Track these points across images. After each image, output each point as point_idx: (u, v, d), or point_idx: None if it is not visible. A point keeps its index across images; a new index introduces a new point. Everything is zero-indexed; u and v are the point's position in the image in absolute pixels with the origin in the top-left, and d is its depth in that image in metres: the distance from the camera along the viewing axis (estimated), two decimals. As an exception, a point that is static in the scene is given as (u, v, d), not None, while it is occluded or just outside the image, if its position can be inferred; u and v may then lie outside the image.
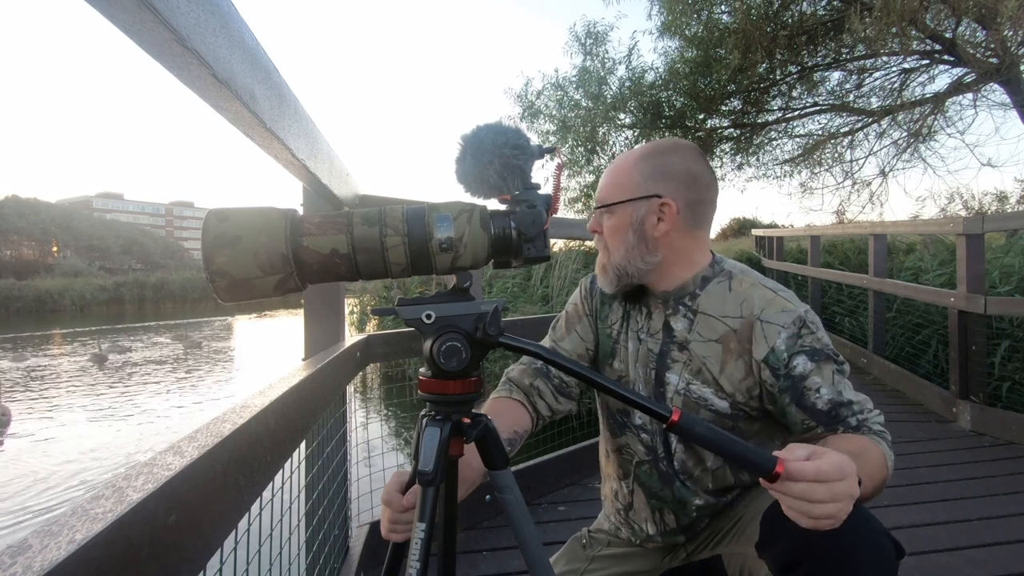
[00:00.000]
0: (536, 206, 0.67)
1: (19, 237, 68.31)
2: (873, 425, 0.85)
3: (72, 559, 0.32)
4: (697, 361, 0.93)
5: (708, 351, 0.92)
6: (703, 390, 0.92)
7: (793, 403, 0.86)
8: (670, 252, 0.94)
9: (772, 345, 0.86)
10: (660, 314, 0.97)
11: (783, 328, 0.87)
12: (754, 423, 0.93)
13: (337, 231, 0.63)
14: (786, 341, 0.86)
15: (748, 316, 0.89)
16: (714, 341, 0.92)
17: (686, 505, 0.96)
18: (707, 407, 0.92)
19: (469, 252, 0.64)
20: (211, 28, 0.61)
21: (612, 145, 10.02)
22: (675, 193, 0.92)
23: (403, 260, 0.64)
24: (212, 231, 0.60)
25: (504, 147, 0.66)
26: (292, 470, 1.09)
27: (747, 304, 0.90)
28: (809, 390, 0.85)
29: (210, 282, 0.60)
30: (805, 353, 0.86)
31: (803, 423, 0.86)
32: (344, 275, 0.65)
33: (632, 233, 0.93)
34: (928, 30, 6.24)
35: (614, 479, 1.06)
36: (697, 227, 0.95)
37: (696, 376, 0.93)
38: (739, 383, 0.90)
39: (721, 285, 0.94)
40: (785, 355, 0.86)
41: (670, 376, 0.95)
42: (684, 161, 0.94)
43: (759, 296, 0.91)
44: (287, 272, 0.61)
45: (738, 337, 0.90)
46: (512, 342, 0.66)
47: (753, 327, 0.89)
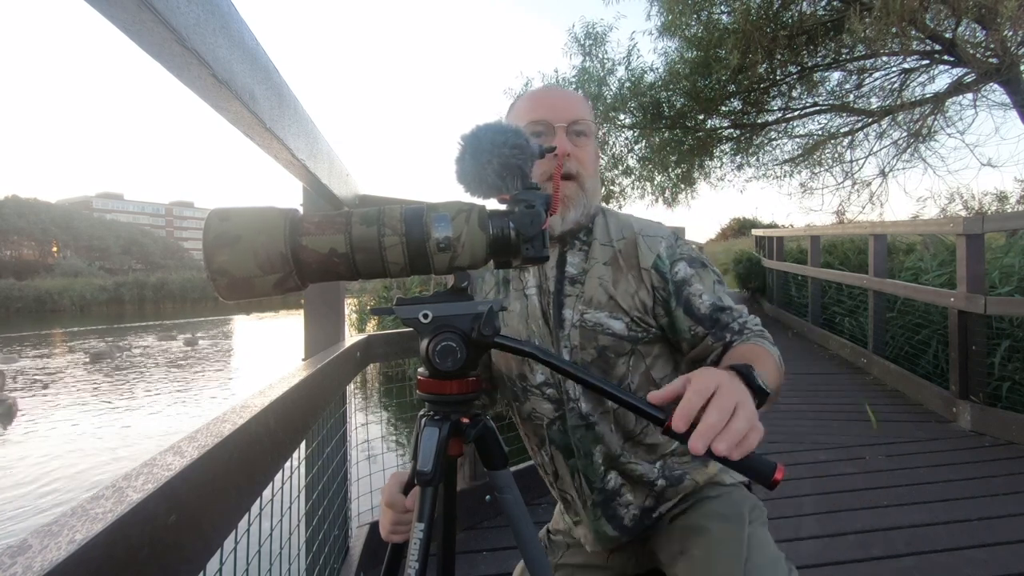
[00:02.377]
0: (535, 206, 0.66)
1: (19, 237, 68.32)
2: (753, 328, 0.89)
3: (72, 559, 0.32)
4: (590, 289, 0.93)
5: (601, 272, 0.94)
6: (597, 315, 0.92)
7: (680, 307, 0.90)
8: None
9: (657, 252, 0.92)
10: (554, 253, 0.97)
11: (663, 238, 0.94)
12: (652, 346, 0.93)
13: (335, 231, 0.63)
14: (667, 249, 0.93)
15: (629, 235, 0.95)
16: (604, 264, 0.94)
17: (591, 459, 0.94)
18: (604, 331, 0.92)
19: (467, 252, 0.64)
20: (211, 28, 0.61)
21: (612, 145, 10.02)
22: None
23: (401, 260, 0.64)
24: (213, 230, 0.60)
25: (503, 147, 0.66)
26: (292, 470, 1.09)
27: (626, 227, 0.97)
28: (693, 295, 0.89)
29: (211, 281, 0.60)
30: (684, 259, 0.92)
31: (690, 331, 0.89)
32: (343, 274, 0.65)
33: (597, 160, 0.97)
34: (928, 30, 6.24)
35: (535, 451, 1.03)
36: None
37: (589, 305, 0.93)
38: (632, 297, 0.92)
39: (603, 219, 0.99)
40: (667, 261, 0.92)
41: (565, 312, 0.94)
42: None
43: (635, 221, 0.99)
44: (286, 271, 0.62)
45: (624, 254, 0.94)
46: (507, 342, 0.66)
47: (637, 242, 0.94)
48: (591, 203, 0.95)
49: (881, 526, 2.03)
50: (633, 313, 0.91)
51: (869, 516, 2.12)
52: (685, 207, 10.35)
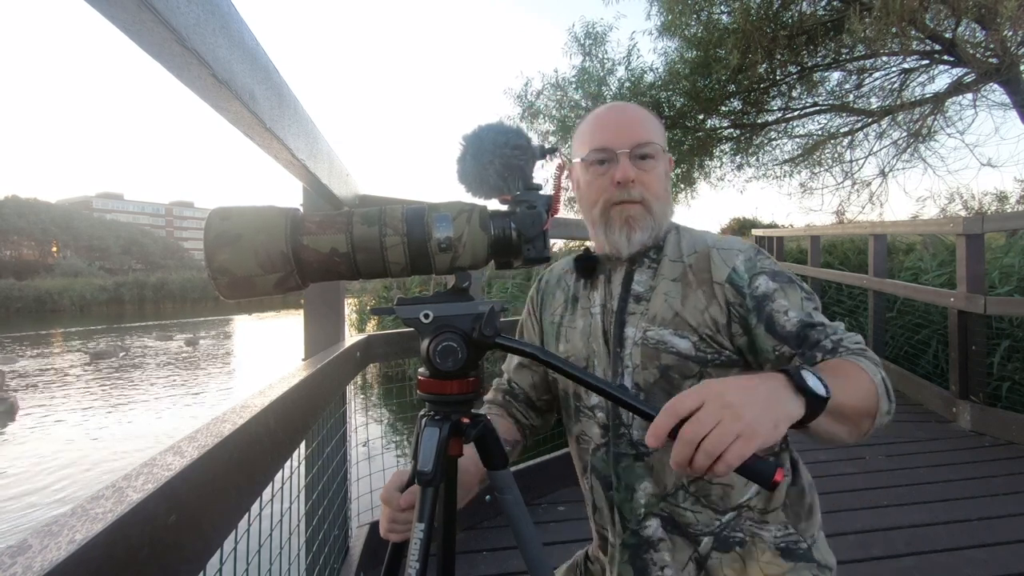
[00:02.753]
0: (536, 207, 0.67)
1: (19, 237, 68.31)
2: (851, 345, 0.77)
3: (72, 559, 0.32)
4: (655, 306, 0.88)
5: (668, 288, 0.89)
6: (660, 332, 0.86)
7: (762, 325, 0.81)
8: None
9: (732, 265, 0.85)
10: (621, 272, 0.93)
11: (740, 251, 0.87)
12: (726, 370, 0.84)
13: (337, 230, 0.63)
14: (744, 263, 0.85)
15: (702, 249, 0.89)
16: (673, 280, 0.89)
17: (632, 495, 0.85)
18: (667, 350, 0.85)
19: (468, 252, 0.64)
20: (211, 28, 0.61)
21: (612, 145, 10.00)
22: None
23: (402, 259, 0.64)
24: (214, 229, 0.60)
25: (504, 147, 0.66)
26: (292, 470, 1.09)
27: (699, 242, 0.91)
28: (777, 312, 0.81)
29: (212, 279, 0.61)
30: (766, 274, 0.84)
31: (774, 351, 0.80)
32: (344, 274, 0.65)
33: (667, 181, 0.93)
34: (928, 30, 6.24)
35: (580, 478, 0.97)
36: None
37: (652, 322, 0.87)
38: (702, 314, 0.85)
39: (675, 235, 0.94)
40: (745, 275, 0.84)
41: (627, 331, 0.89)
42: None
43: (709, 236, 0.93)
44: (287, 270, 0.62)
45: (695, 269, 0.88)
46: (508, 343, 0.66)
47: (710, 255, 0.88)
48: (660, 224, 0.91)
49: (881, 526, 2.03)
50: (702, 331, 0.84)
51: (869, 516, 2.12)
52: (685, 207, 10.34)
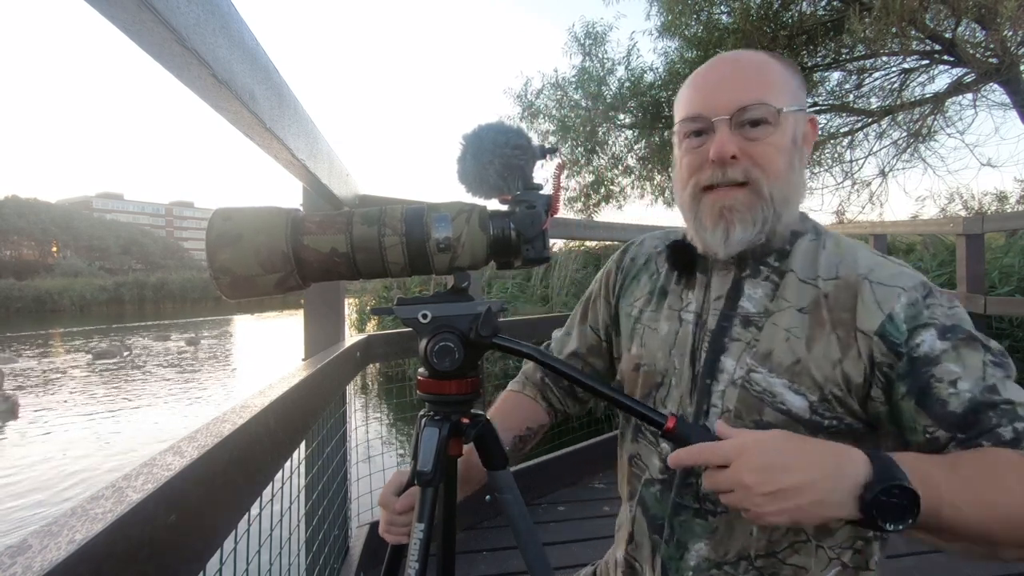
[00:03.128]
0: (535, 207, 0.66)
1: (19, 237, 68.34)
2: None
3: (72, 559, 0.32)
4: (770, 340, 0.68)
5: (791, 321, 0.68)
6: (770, 380, 0.67)
7: (912, 398, 0.60)
8: None
9: (889, 311, 0.63)
10: (726, 277, 0.74)
11: (904, 291, 0.63)
12: (840, 440, 0.61)
13: (337, 230, 0.63)
14: (907, 308, 0.62)
15: (848, 276, 0.67)
16: (799, 310, 0.68)
17: (683, 555, 0.71)
18: (775, 405, 0.67)
19: (467, 252, 0.64)
20: (211, 28, 0.61)
21: (612, 145, 10.02)
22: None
23: (401, 260, 0.64)
24: (216, 229, 0.61)
25: (504, 147, 0.66)
26: (292, 470, 1.09)
27: (847, 263, 0.68)
28: (938, 384, 0.59)
29: (214, 279, 0.61)
30: (934, 327, 0.61)
31: (925, 432, 0.60)
32: (344, 274, 0.65)
33: (796, 154, 0.70)
34: (928, 30, 6.24)
35: (624, 497, 0.84)
36: None
37: (763, 361, 0.68)
38: (832, 369, 0.65)
39: (813, 243, 0.72)
40: (904, 327, 0.62)
41: (725, 361, 0.70)
42: None
43: (864, 256, 0.68)
44: (287, 270, 0.62)
45: (831, 303, 0.67)
46: (506, 343, 0.66)
47: (859, 288, 0.65)
48: (779, 215, 0.69)
49: (881, 526, 2.03)
50: (828, 389, 0.65)
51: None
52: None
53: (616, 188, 10.49)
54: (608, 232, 3.08)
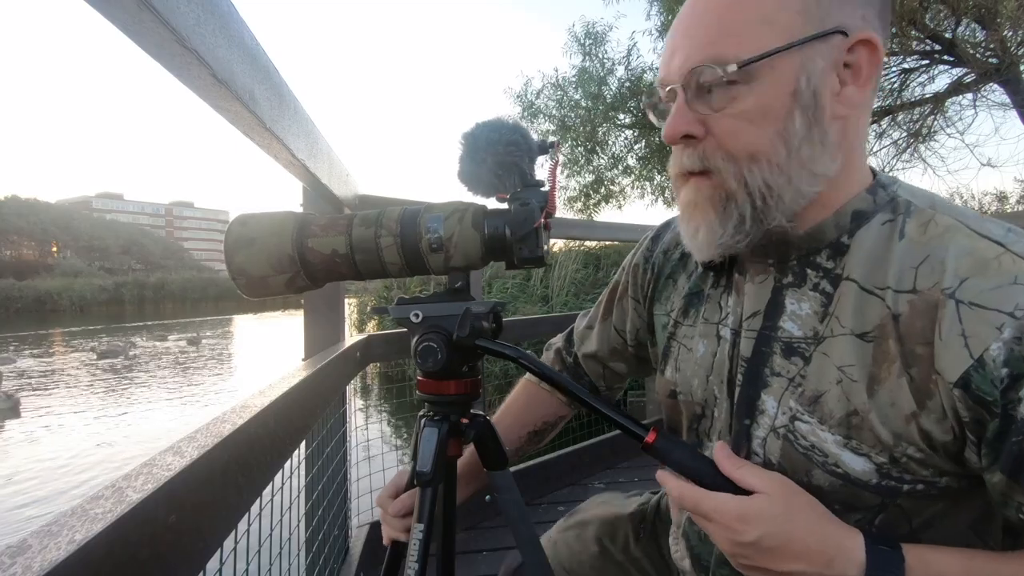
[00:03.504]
0: (529, 204, 0.64)
1: (19, 237, 68.37)
2: None
3: (72, 559, 0.32)
4: (817, 379, 0.51)
5: (848, 353, 0.50)
6: (821, 434, 0.50)
7: (1001, 470, 0.44)
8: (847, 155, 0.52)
9: (982, 351, 0.43)
10: (764, 286, 0.56)
11: (1012, 318, 0.42)
12: (929, 504, 0.50)
13: (338, 232, 0.66)
14: (1010, 347, 0.42)
15: (929, 287, 0.46)
16: (859, 337, 0.49)
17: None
18: (826, 467, 0.50)
19: (460, 252, 0.64)
20: (211, 28, 0.61)
21: (612, 145, 10.03)
22: (875, 21, 0.50)
23: (398, 260, 0.65)
24: (233, 234, 0.66)
25: (498, 144, 0.64)
26: (292, 470, 1.09)
27: (932, 264, 0.47)
28: None
29: (232, 280, 0.67)
30: None
31: (1020, 510, 0.45)
32: (347, 274, 0.68)
33: (801, 116, 0.49)
34: (928, 30, 6.24)
35: (674, 525, 0.72)
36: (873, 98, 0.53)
37: (811, 408, 0.51)
38: (905, 425, 0.47)
39: (887, 228, 0.51)
40: (1005, 372, 0.42)
41: (765, 400, 0.54)
42: None
43: (960, 250, 0.46)
44: (295, 271, 0.66)
45: (904, 329, 0.47)
46: (489, 346, 0.64)
47: (939, 310, 0.45)
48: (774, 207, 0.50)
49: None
50: (901, 450, 0.48)
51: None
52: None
53: (616, 188, 10.50)
54: (608, 232, 3.08)
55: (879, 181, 0.53)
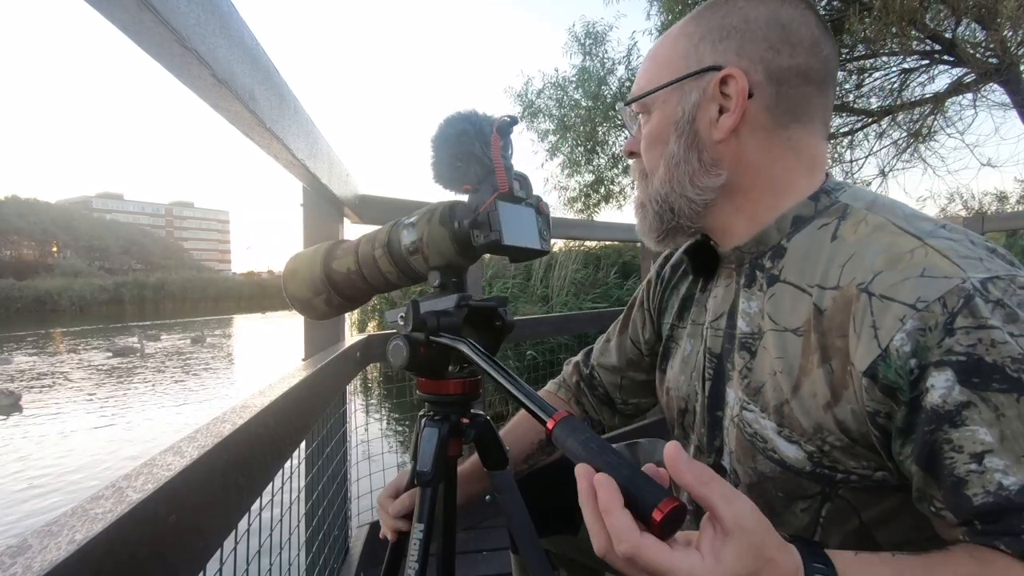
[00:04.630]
0: (479, 189, 0.62)
1: (19, 237, 68.38)
2: None
3: (72, 559, 0.32)
4: (760, 371, 0.56)
5: (780, 347, 0.54)
6: (761, 422, 0.55)
7: (914, 461, 0.46)
8: (742, 170, 0.58)
9: (886, 343, 0.45)
10: (730, 287, 0.64)
11: (913, 310, 0.44)
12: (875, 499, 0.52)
13: (351, 252, 0.72)
14: (914, 335, 0.44)
15: (849, 285, 0.49)
16: (793, 332, 0.53)
17: None
18: (766, 453, 0.55)
19: (434, 251, 0.65)
20: (211, 28, 0.61)
21: (612, 145, 10.03)
22: (748, 59, 0.56)
23: (392, 268, 0.68)
24: (286, 268, 0.79)
25: (450, 137, 0.63)
26: (292, 470, 1.09)
27: (855, 260, 0.50)
28: (956, 451, 0.43)
29: (292, 305, 0.78)
30: (952, 366, 0.42)
31: (933, 504, 0.46)
32: (365, 289, 0.73)
33: (676, 139, 0.59)
34: (928, 30, 6.24)
35: None
36: (793, 120, 0.57)
37: (754, 397, 0.57)
38: (823, 414, 0.50)
39: (823, 230, 0.55)
40: (913, 363, 0.44)
41: (728, 393, 0.61)
42: (767, 7, 0.57)
43: (880, 245, 0.49)
44: (327, 291, 0.74)
45: (827, 324, 0.50)
46: (441, 339, 0.62)
47: (854, 305, 0.48)
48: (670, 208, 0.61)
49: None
50: (824, 439, 0.51)
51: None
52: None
53: (616, 188, 10.50)
54: (608, 232, 3.08)
55: (824, 188, 0.58)
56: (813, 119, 0.59)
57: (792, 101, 0.57)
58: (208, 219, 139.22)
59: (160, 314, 32.48)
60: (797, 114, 0.58)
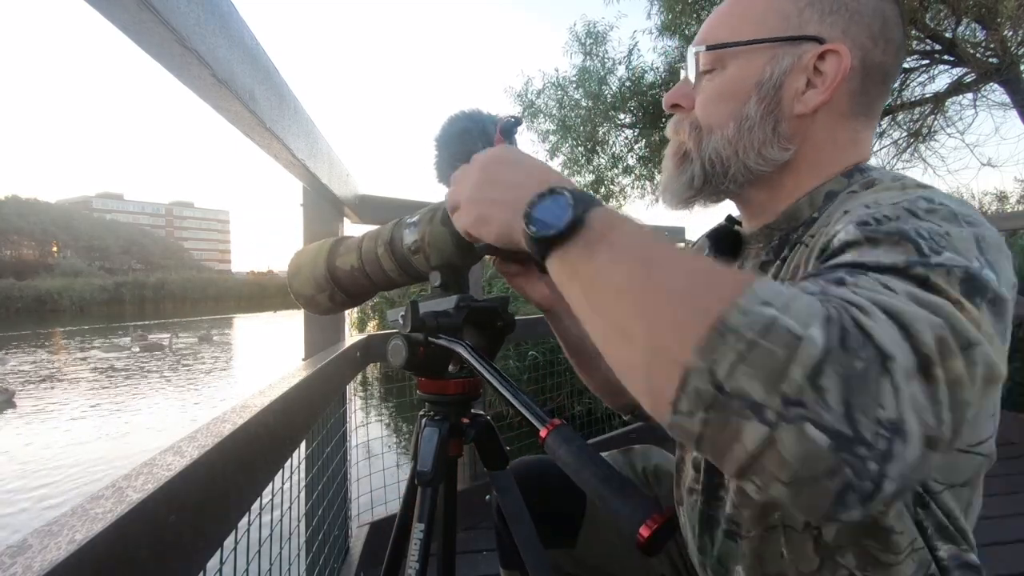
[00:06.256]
0: None
1: (19, 237, 68.40)
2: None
3: (72, 559, 0.32)
4: None
5: None
6: None
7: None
8: (806, 150, 0.57)
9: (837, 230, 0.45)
10: (755, 264, 0.61)
11: (866, 209, 0.44)
12: None
13: (354, 249, 0.72)
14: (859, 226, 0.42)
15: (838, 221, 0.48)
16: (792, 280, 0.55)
17: (726, 573, 0.62)
18: None
19: (435, 251, 0.65)
20: (211, 28, 0.61)
21: (612, 145, 10.03)
22: (852, 41, 0.55)
23: (394, 267, 0.68)
24: (291, 264, 0.79)
25: (452, 136, 0.64)
26: (292, 470, 1.09)
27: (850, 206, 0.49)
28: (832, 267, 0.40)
29: (296, 301, 0.79)
30: (859, 225, 0.42)
31: None
32: (368, 286, 0.73)
33: (757, 101, 0.56)
34: (928, 30, 6.24)
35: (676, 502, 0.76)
36: (863, 113, 0.58)
37: None
38: None
39: (849, 195, 0.54)
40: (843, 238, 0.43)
41: None
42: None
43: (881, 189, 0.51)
44: (331, 288, 0.74)
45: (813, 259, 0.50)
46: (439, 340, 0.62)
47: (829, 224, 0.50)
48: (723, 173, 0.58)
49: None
50: None
51: (868, 516, 2.13)
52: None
53: (616, 188, 10.50)
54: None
55: (859, 167, 0.57)
56: (875, 117, 0.60)
57: (870, 95, 0.57)
58: (208, 219, 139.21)
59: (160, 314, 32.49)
60: (867, 108, 0.58)
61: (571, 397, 4.07)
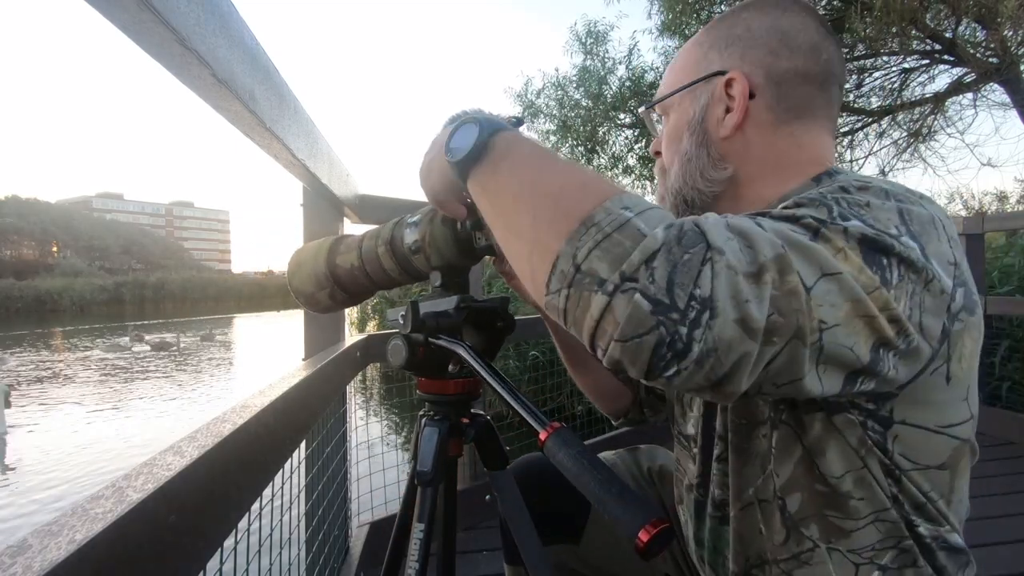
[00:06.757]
0: None
1: (19, 237, 68.41)
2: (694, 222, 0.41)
3: (72, 559, 0.32)
4: None
5: None
6: None
7: None
8: (748, 163, 0.63)
9: None
10: None
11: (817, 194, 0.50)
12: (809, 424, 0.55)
13: (354, 247, 0.72)
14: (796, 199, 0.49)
15: None
16: None
17: (724, 560, 0.66)
18: None
19: (435, 252, 0.65)
20: (211, 28, 0.61)
21: (612, 145, 10.03)
22: (750, 63, 0.62)
23: (395, 266, 0.68)
24: (291, 261, 0.78)
25: None
26: (292, 470, 1.09)
27: None
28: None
29: (296, 299, 0.78)
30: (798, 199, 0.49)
31: None
32: (368, 285, 0.73)
33: (689, 137, 0.66)
34: (928, 30, 6.24)
35: (677, 503, 0.79)
36: (795, 118, 0.62)
37: None
38: None
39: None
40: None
41: None
42: (768, 16, 0.63)
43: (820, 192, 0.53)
44: (331, 286, 0.74)
45: None
46: (440, 342, 0.62)
47: None
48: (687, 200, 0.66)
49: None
50: None
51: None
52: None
53: (616, 188, 10.50)
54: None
55: (827, 171, 0.62)
56: (816, 116, 0.64)
57: (792, 100, 0.63)
58: (208, 219, 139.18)
59: (160, 314, 32.50)
60: (799, 112, 0.63)
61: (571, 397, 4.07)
